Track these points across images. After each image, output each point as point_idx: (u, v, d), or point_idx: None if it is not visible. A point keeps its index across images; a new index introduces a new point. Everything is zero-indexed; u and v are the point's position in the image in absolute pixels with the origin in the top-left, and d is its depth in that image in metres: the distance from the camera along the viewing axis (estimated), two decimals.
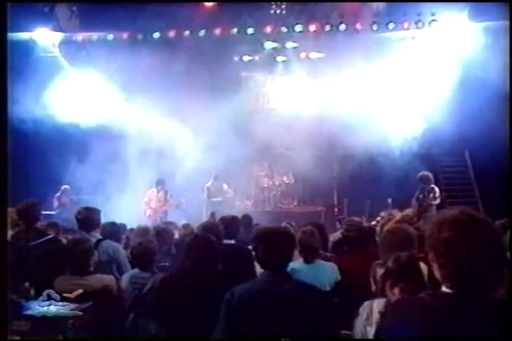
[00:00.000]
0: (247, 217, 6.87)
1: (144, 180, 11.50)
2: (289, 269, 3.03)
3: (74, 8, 11.94)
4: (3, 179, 2.51)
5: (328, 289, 4.19)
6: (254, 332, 2.71)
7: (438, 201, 9.86)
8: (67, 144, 11.81)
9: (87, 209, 5.09)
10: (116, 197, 10.72)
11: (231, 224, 5.04)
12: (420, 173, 10.00)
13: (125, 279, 4.39)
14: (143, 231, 5.62)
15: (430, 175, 9.96)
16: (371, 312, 2.99)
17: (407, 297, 1.77)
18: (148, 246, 4.48)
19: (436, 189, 9.89)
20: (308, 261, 4.29)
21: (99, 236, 4.96)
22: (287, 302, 2.74)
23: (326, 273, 4.27)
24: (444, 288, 1.63)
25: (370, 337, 2.88)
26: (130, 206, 10.64)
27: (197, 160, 11.78)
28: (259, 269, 4.38)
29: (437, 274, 1.63)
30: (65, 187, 11.40)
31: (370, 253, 4.46)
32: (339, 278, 4.34)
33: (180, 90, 11.89)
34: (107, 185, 11.17)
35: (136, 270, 4.43)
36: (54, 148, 11.41)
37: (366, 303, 3.06)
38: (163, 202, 11.28)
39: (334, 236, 5.94)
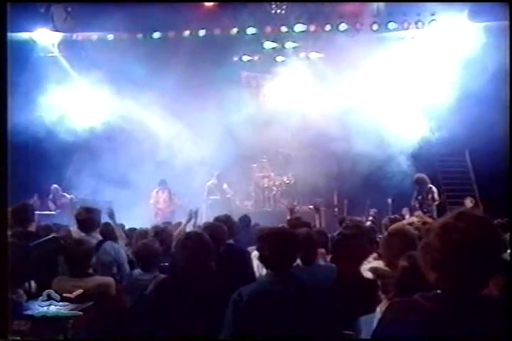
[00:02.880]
0: (246, 218, 6.85)
1: (146, 180, 11.48)
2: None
3: (69, 9, 11.91)
4: (3, 179, 2.51)
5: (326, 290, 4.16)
6: (261, 332, 2.72)
7: (438, 201, 9.85)
8: (67, 144, 11.79)
9: (87, 209, 5.06)
10: (117, 197, 10.71)
11: (226, 224, 5.03)
12: (415, 176, 10.01)
13: (126, 280, 4.37)
14: (144, 233, 5.62)
15: (425, 176, 9.95)
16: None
17: (402, 299, 1.78)
18: (153, 247, 4.44)
19: (434, 189, 9.88)
20: (306, 262, 4.25)
21: (100, 237, 4.94)
22: (292, 302, 2.74)
23: (323, 274, 4.23)
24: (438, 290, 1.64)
25: None
26: (131, 206, 10.64)
27: (196, 161, 11.79)
28: (257, 270, 4.38)
29: (429, 275, 1.64)
30: (54, 187, 11.34)
31: (369, 253, 4.44)
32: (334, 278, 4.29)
33: (180, 90, 11.91)
34: (108, 185, 11.17)
35: (139, 271, 4.40)
36: (54, 148, 11.40)
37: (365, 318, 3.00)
38: (169, 202, 11.27)
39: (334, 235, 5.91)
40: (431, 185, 9.91)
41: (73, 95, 12.42)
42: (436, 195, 9.83)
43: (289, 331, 2.69)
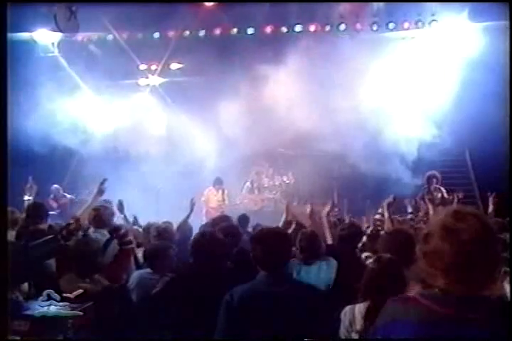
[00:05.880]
0: (243, 218, 6.86)
1: (148, 180, 11.46)
2: (288, 270, 3.02)
3: (73, 8, 11.89)
4: (3, 180, 2.51)
5: (328, 289, 4.16)
6: (254, 333, 2.71)
7: (448, 201, 9.72)
8: (67, 144, 11.78)
9: (105, 208, 5.10)
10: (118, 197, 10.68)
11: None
12: (429, 173, 9.90)
13: (134, 278, 4.35)
14: (146, 232, 5.64)
15: (438, 174, 9.88)
16: (353, 318, 2.96)
17: (400, 296, 1.77)
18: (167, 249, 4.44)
19: (443, 188, 9.79)
20: (307, 262, 4.25)
21: (107, 235, 4.94)
22: (286, 302, 2.73)
23: (325, 273, 4.24)
24: (436, 288, 1.63)
25: None
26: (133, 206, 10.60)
27: (195, 161, 11.78)
28: None
29: (428, 274, 1.64)
30: (55, 187, 11.33)
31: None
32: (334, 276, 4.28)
33: (179, 90, 11.92)
34: (107, 185, 11.14)
35: (148, 270, 4.38)
36: (54, 149, 11.40)
37: (348, 308, 3.03)
38: (222, 202, 11.12)
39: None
40: (438, 185, 9.84)
41: (73, 95, 12.41)
42: (445, 195, 9.71)
43: (282, 332, 2.68)
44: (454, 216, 1.61)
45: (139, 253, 4.84)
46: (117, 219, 6.09)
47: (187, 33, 12.35)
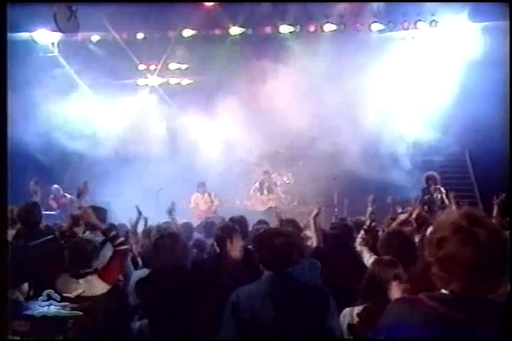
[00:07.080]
0: (242, 219, 6.84)
1: (146, 180, 11.45)
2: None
3: (74, 8, 11.88)
4: (3, 180, 2.51)
5: None
6: (259, 333, 2.73)
7: (447, 202, 9.68)
8: (67, 145, 11.78)
9: (93, 208, 5.07)
10: (117, 198, 10.69)
11: (240, 224, 5.01)
12: (427, 173, 9.85)
13: (133, 279, 4.35)
14: (148, 232, 5.65)
15: (437, 175, 9.85)
16: (352, 320, 2.97)
17: (406, 297, 1.76)
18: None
19: (443, 189, 9.75)
20: None
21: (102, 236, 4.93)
22: (291, 302, 2.75)
23: (307, 274, 4.21)
24: (442, 290, 1.62)
25: None
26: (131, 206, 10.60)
27: (193, 162, 11.77)
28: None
29: (441, 278, 1.62)
30: (55, 187, 11.32)
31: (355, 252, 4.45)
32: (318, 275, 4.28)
33: (180, 89, 11.91)
34: (107, 186, 11.16)
35: (145, 270, 4.39)
36: (54, 149, 11.40)
37: (347, 310, 3.03)
38: (210, 204, 11.26)
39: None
40: (438, 186, 9.81)
41: (73, 95, 12.40)
42: (444, 196, 9.65)
43: (287, 331, 2.69)
44: (466, 219, 1.58)
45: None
46: (117, 221, 6.09)
47: (187, 33, 12.35)
